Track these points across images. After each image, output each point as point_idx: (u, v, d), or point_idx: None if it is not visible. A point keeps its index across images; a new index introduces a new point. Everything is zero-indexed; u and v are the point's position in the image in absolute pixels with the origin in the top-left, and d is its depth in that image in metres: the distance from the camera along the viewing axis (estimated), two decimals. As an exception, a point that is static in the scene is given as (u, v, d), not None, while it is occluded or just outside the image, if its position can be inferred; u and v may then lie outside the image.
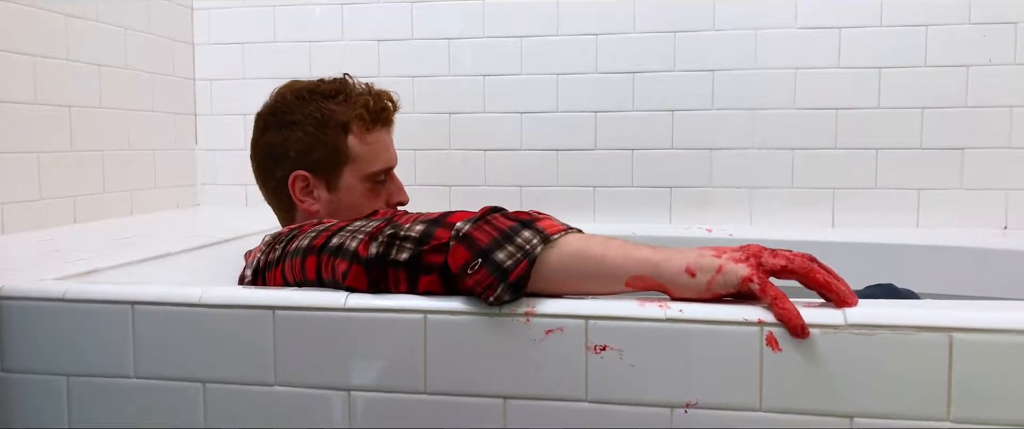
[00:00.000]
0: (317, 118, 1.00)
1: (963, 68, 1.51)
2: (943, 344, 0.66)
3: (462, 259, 0.71)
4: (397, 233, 0.75)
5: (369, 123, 1.02)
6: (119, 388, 0.81)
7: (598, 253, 0.71)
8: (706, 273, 0.69)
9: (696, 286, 0.69)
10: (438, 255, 0.73)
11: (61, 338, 0.82)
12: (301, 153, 1.01)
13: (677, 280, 0.69)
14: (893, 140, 1.55)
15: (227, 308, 0.78)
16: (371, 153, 1.02)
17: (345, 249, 0.78)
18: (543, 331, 0.72)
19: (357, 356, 0.76)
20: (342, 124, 1.00)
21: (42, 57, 1.34)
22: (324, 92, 1.02)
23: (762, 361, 0.69)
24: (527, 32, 1.66)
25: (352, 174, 1.01)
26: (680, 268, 0.69)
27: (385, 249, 0.74)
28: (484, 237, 0.71)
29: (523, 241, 0.71)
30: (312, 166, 1.01)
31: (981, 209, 1.53)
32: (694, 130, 1.61)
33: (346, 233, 0.81)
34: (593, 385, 0.72)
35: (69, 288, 0.82)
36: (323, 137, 1.00)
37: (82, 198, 1.45)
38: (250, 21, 1.78)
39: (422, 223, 0.76)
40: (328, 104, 1.01)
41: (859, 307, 0.69)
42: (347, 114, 1.00)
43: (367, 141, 1.02)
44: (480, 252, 0.70)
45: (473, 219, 0.74)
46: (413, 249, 0.74)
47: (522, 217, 0.74)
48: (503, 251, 0.70)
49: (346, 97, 1.02)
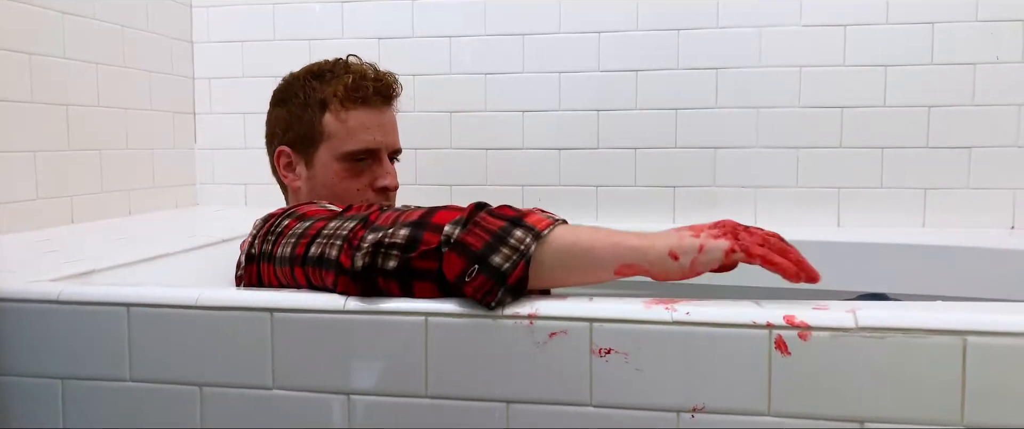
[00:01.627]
0: (300, 97, 1.03)
1: (970, 66, 1.50)
2: (957, 347, 0.65)
3: (458, 267, 0.70)
4: (382, 240, 0.72)
5: (344, 101, 1.01)
6: (115, 391, 0.79)
7: (587, 245, 0.71)
8: (688, 254, 0.70)
9: (680, 268, 0.70)
10: (429, 261, 0.71)
11: (56, 340, 0.81)
12: (284, 130, 1.04)
13: (662, 265, 0.70)
14: (899, 139, 1.53)
15: (224, 310, 0.77)
16: (346, 132, 1.02)
17: (327, 259, 0.76)
18: (547, 334, 0.71)
19: (357, 359, 0.75)
20: (320, 101, 1.02)
21: (38, 55, 1.33)
22: (315, 71, 1.05)
23: (771, 364, 0.68)
24: (529, 30, 1.65)
25: (327, 152, 1.02)
26: (664, 253, 0.70)
27: (371, 259, 0.72)
28: (477, 241, 0.70)
29: (516, 241, 0.70)
30: (292, 143, 1.03)
31: (988, 209, 1.52)
32: (698, 129, 1.60)
33: (323, 239, 0.78)
34: (598, 389, 0.71)
35: (64, 290, 0.81)
36: (302, 114, 1.02)
37: (79, 198, 1.43)
38: (249, 19, 1.77)
39: (405, 227, 0.73)
40: (313, 82, 1.03)
41: (870, 309, 0.68)
42: (325, 91, 1.02)
43: (342, 119, 1.02)
44: (475, 258, 0.69)
45: (461, 222, 0.72)
46: (400, 256, 0.72)
47: (509, 214, 0.73)
48: (498, 254, 0.69)
49: (332, 76, 1.03)
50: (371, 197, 1.02)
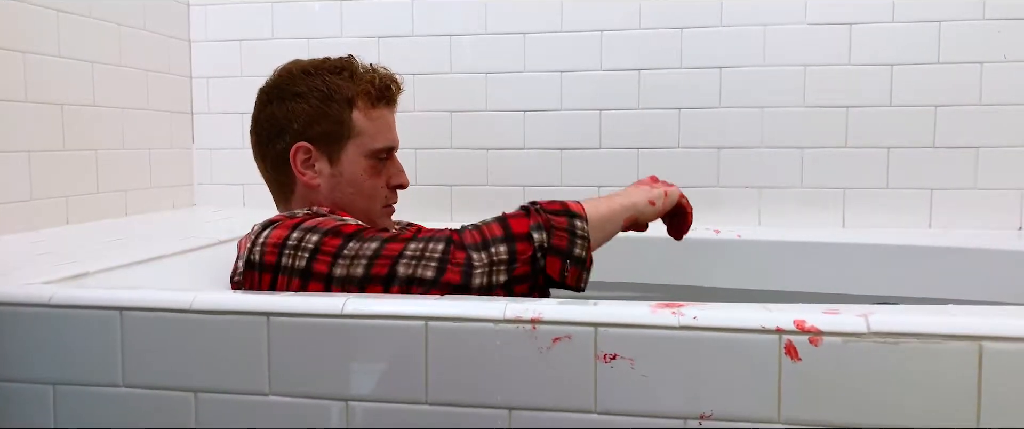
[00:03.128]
0: (323, 91, 1.00)
1: (977, 65, 1.49)
2: (972, 353, 0.63)
3: (557, 266, 0.85)
4: (492, 259, 0.83)
5: (374, 99, 1.02)
6: (107, 397, 0.78)
7: (607, 214, 0.92)
8: (660, 199, 0.96)
9: (657, 211, 0.97)
10: (526, 267, 0.84)
11: (47, 345, 0.79)
12: (305, 125, 1.00)
13: (646, 211, 0.95)
14: (905, 139, 1.52)
15: (220, 314, 0.76)
16: (375, 129, 1.02)
17: (422, 279, 0.82)
18: (550, 339, 0.70)
19: (355, 364, 0.73)
20: (348, 98, 1.01)
21: (33, 53, 1.32)
22: (330, 68, 1.03)
23: (780, 370, 0.66)
24: (530, 28, 1.64)
25: (355, 149, 1.01)
26: (645, 202, 0.95)
27: (487, 278, 0.83)
28: (562, 242, 0.85)
29: (581, 231, 0.87)
30: (315, 138, 1.01)
31: (996, 209, 1.51)
32: (701, 128, 1.59)
33: (410, 260, 0.83)
34: (603, 396, 0.69)
35: (55, 293, 0.79)
36: (328, 110, 1.00)
37: (75, 198, 1.42)
38: (248, 17, 1.76)
39: (501, 243, 0.84)
40: (334, 78, 1.01)
41: (883, 314, 0.66)
42: (353, 89, 1.01)
43: (371, 117, 1.02)
44: (566, 255, 0.85)
45: (544, 228, 0.85)
46: (507, 269, 0.84)
47: (560, 208, 0.88)
48: (577, 246, 0.86)
49: (351, 74, 1.03)
50: (387, 194, 1.05)
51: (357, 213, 1.00)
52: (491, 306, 0.72)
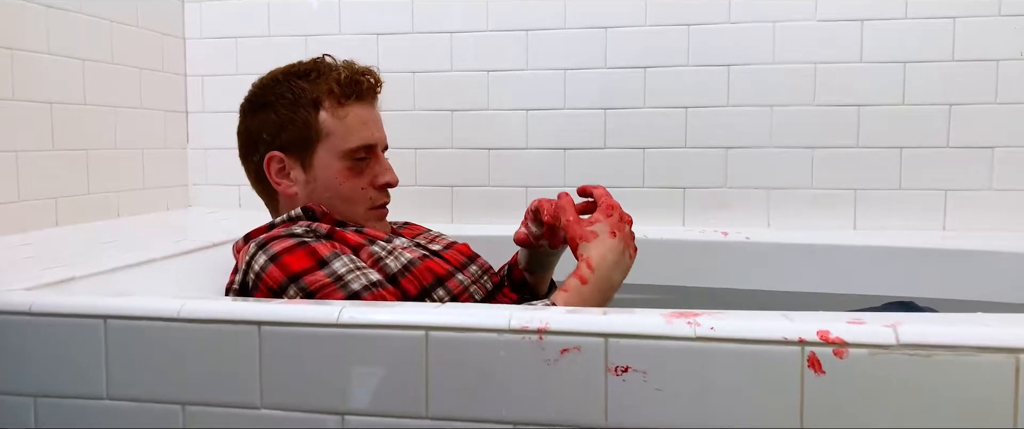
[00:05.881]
0: (288, 98, 0.99)
1: (993, 62, 1.46)
2: (1009, 366, 0.60)
3: None
4: None
5: (340, 97, 0.99)
6: (91, 410, 0.75)
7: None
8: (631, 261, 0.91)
9: None
10: None
11: (28, 355, 0.76)
12: (274, 134, 0.99)
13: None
14: (918, 138, 1.50)
15: (209, 323, 0.73)
16: (345, 129, 0.99)
17: None
18: (558, 350, 0.67)
19: (352, 376, 0.70)
20: (313, 100, 0.98)
21: (20, 50, 1.29)
22: (298, 71, 1.01)
23: (803, 384, 0.63)
24: (533, 25, 1.62)
25: (326, 152, 0.99)
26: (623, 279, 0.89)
27: None
28: None
29: None
30: (285, 146, 0.99)
31: (1012, 211, 1.48)
32: (709, 128, 1.57)
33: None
34: (613, 410, 0.66)
35: (36, 301, 0.76)
36: (294, 115, 0.98)
37: (64, 200, 1.39)
38: (243, 14, 1.73)
39: None
40: (299, 82, 0.99)
41: (914, 324, 0.62)
42: (317, 90, 0.99)
43: (339, 116, 0.99)
44: None
45: None
46: None
47: None
48: None
49: (318, 74, 1.00)
50: (373, 195, 1.01)
51: (342, 217, 0.98)
52: (496, 315, 0.69)
